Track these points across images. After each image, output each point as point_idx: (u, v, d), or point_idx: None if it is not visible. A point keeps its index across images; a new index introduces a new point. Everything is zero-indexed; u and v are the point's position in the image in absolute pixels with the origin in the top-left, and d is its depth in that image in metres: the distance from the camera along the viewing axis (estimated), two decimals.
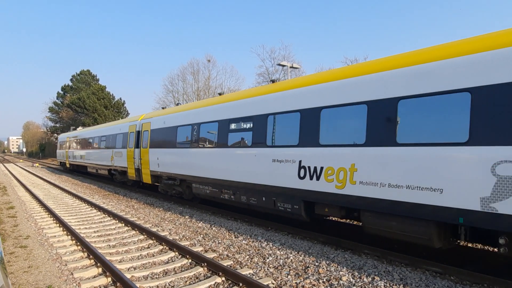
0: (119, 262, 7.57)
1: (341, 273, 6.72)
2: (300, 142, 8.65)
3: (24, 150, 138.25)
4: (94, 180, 26.57)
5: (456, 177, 5.86)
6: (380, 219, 7.10)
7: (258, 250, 8.28)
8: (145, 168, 17.03)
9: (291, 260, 7.51)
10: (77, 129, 36.87)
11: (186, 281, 6.52)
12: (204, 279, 6.57)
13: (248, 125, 10.45)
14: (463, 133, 5.82)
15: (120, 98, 71.48)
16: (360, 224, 7.79)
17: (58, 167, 40.57)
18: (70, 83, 76.61)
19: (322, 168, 8.04)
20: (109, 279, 6.55)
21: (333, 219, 11.51)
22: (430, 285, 6.05)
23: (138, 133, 18.06)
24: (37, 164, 51.85)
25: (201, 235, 9.75)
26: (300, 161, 8.58)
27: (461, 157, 5.83)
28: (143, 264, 7.48)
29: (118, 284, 6.19)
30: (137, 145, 18.00)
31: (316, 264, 7.24)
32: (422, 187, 6.24)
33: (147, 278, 6.72)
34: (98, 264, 7.13)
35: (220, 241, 9.09)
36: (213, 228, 10.56)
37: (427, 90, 6.34)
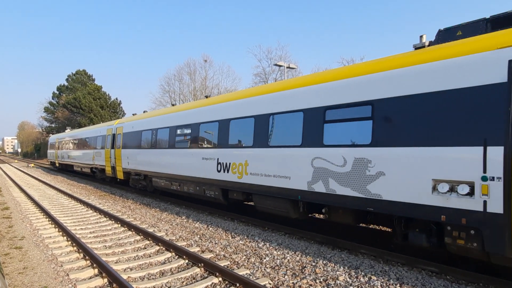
0: (116, 263, 7.54)
1: (338, 273, 6.73)
2: (217, 145, 11.55)
3: (19, 150, 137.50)
4: (90, 181, 26.46)
5: (296, 167, 8.72)
6: (262, 199, 9.97)
7: (255, 250, 8.28)
8: (118, 166, 19.75)
9: (288, 260, 7.51)
10: (66, 131, 39.90)
11: (183, 282, 6.50)
12: (201, 279, 6.55)
13: (188, 131, 13.44)
14: (299, 139, 8.67)
15: (116, 98, 71.26)
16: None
17: (53, 168, 40.33)
18: (66, 83, 76.22)
19: (230, 163, 10.88)
20: (105, 280, 6.52)
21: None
22: (426, 285, 6.08)
23: (114, 135, 20.56)
24: (32, 165, 51.56)
25: (198, 236, 9.73)
26: (217, 159, 11.44)
27: (298, 155, 8.67)
28: (140, 264, 7.45)
29: (114, 285, 6.15)
30: (113, 146, 20.53)
31: (313, 264, 7.25)
32: (281, 176, 9.07)
33: (144, 278, 6.69)
34: (94, 265, 7.09)
35: (217, 242, 9.08)
36: (210, 229, 10.54)
37: (288, 108, 9.24)
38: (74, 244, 8.71)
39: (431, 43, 7.29)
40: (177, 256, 7.85)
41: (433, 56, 6.50)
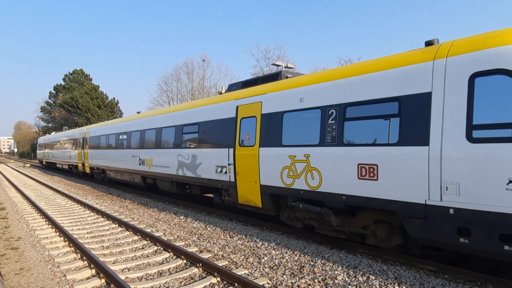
0: (113, 263, 7.50)
1: (336, 272, 6.72)
2: (139, 147, 16.82)
3: (16, 150, 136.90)
4: (87, 181, 26.38)
5: (171, 161, 13.74)
6: (160, 181, 15.04)
7: (253, 250, 8.26)
8: (86, 163, 25.17)
9: (287, 259, 7.50)
10: (51, 133, 46.12)
11: (181, 282, 6.47)
12: (199, 279, 6.53)
13: (125, 136, 18.75)
14: (171, 144, 14.06)
15: (114, 98, 71.07)
16: None
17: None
18: (63, 83, 75.90)
19: (145, 159, 16.00)
20: (103, 280, 6.48)
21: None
22: (424, 284, 6.08)
23: (83, 139, 26.00)
24: (28, 165, 51.34)
25: (196, 236, 9.70)
26: (139, 156, 16.62)
27: (172, 153, 13.74)
28: (138, 265, 7.41)
29: (112, 285, 6.12)
30: (83, 147, 25.92)
31: (312, 263, 7.24)
32: (166, 166, 14.08)
33: (142, 279, 6.66)
34: (92, 266, 7.05)
35: (215, 241, 9.05)
36: (208, 228, 10.52)
37: (168, 124, 14.54)
38: (71, 245, 8.66)
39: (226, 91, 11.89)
40: (175, 256, 7.82)
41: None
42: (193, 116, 12.88)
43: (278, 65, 26.97)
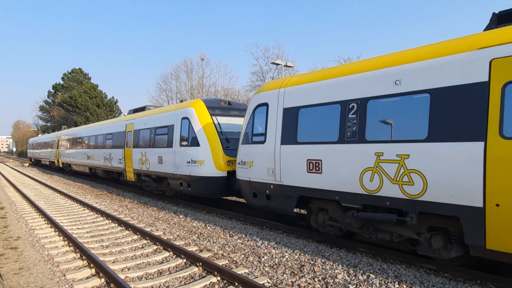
0: (113, 262, 7.49)
1: (336, 271, 6.72)
2: (87, 147, 24.38)
3: (14, 149, 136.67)
4: (86, 180, 26.36)
5: (113, 159, 19.94)
6: (99, 171, 22.32)
7: (253, 249, 8.25)
8: (59, 160, 33.22)
9: (287, 258, 7.49)
10: (38, 135, 55.03)
11: (181, 281, 6.46)
12: (199, 278, 6.52)
13: (79, 140, 26.31)
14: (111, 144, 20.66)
15: (113, 97, 70.94)
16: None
17: (49, 167, 40.16)
18: (62, 82, 75.75)
19: (90, 155, 23.42)
20: (103, 280, 6.47)
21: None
22: (424, 282, 6.08)
23: (58, 141, 33.81)
24: (27, 164, 51.23)
25: (196, 235, 9.69)
26: (87, 153, 23.79)
27: (111, 152, 20.25)
28: (137, 264, 7.40)
29: (112, 285, 6.11)
30: (58, 148, 33.71)
31: (312, 262, 7.23)
32: (103, 160, 21.28)
33: (142, 278, 6.65)
34: (91, 265, 7.04)
35: (215, 241, 9.04)
36: (208, 228, 10.51)
37: (107, 131, 21.32)
38: (70, 244, 8.65)
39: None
40: (175, 256, 7.81)
41: None
42: (109, 128, 21.19)
43: (277, 64, 27.03)
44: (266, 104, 9.44)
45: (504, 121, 5.30)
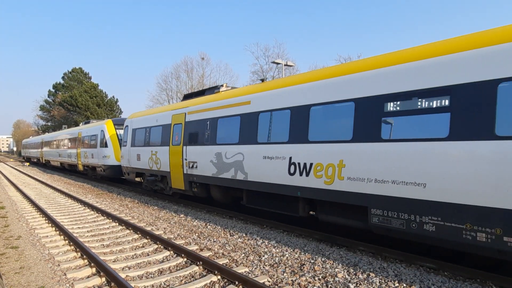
0: (113, 261, 7.50)
1: (336, 270, 6.73)
2: (57, 147, 34.52)
3: (15, 149, 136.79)
4: (87, 179, 26.39)
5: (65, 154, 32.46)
6: (52, 162, 37.54)
7: (253, 248, 8.26)
8: (43, 157, 41.84)
9: (287, 257, 7.51)
10: (30, 137, 66.20)
11: (181, 280, 6.48)
12: (200, 277, 6.53)
13: (55, 141, 35.96)
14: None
15: (113, 96, 70.98)
16: None
17: (51, 166, 40.24)
18: (62, 81, 75.77)
19: (60, 154, 33.13)
20: (103, 279, 6.48)
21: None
22: (424, 281, 6.09)
23: (42, 142, 43.15)
24: (27, 163, 51.29)
25: (196, 234, 9.70)
26: (58, 153, 33.88)
27: (69, 152, 31.27)
28: (138, 263, 7.42)
29: (112, 284, 6.13)
30: (42, 148, 42.60)
31: (312, 261, 7.24)
32: (63, 157, 32.86)
33: (142, 277, 6.66)
34: (92, 264, 7.05)
35: (215, 240, 9.06)
36: (208, 227, 10.52)
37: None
38: (71, 243, 8.66)
39: None
40: (175, 255, 7.82)
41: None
42: (66, 134, 32.87)
43: (278, 63, 27.02)
44: (127, 126, 18.61)
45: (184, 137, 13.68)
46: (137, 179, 17.98)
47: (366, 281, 6.17)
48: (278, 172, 9.06)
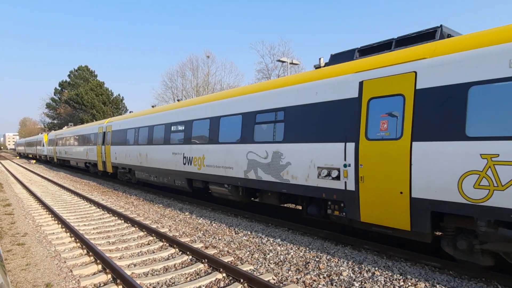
0: (119, 259, 7.55)
1: (341, 268, 6.72)
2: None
3: None
4: (92, 177, 26.52)
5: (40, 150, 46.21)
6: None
7: (258, 246, 8.28)
8: (30, 154, 58.33)
9: (292, 256, 7.51)
10: (26, 138, 75.94)
11: (186, 278, 6.51)
12: (205, 275, 6.56)
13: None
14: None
15: (119, 94, 71.25)
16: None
17: (57, 164, 40.51)
18: (68, 79, 76.16)
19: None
20: (109, 276, 6.53)
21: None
22: (429, 280, 6.07)
23: (37, 141, 49.70)
24: (34, 161, 51.68)
25: (201, 232, 9.73)
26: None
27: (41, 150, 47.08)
28: (143, 260, 7.46)
29: (118, 281, 6.17)
30: (43, 145, 46.59)
31: (317, 259, 7.24)
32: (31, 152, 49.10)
33: (148, 274, 6.70)
34: (98, 261, 7.11)
35: (220, 238, 9.08)
36: (213, 225, 10.54)
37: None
38: (77, 240, 8.73)
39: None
40: (180, 252, 7.86)
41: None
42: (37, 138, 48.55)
43: (283, 61, 26.95)
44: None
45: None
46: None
47: (371, 280, 6.16)
48: (176, 162, 13.85)
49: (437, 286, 5.84)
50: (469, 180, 5.64)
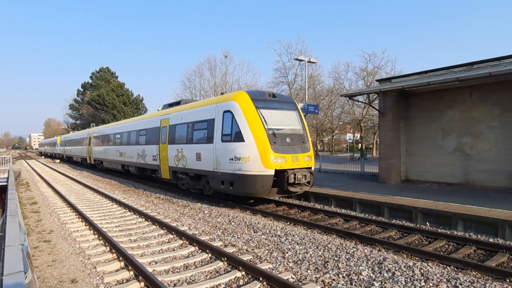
0: (141, 256, 7.71)
1: (360, 268, 6.68)
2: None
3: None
4: (114, 176, 27.08)
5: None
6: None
7: (277, 244, 8.30)
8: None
9: (311, 254, 7.50)
10: (45, 140, 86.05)
11: (206, 275, 6.59)
12: (224, 273, 6.63)
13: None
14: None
15: (139, 95, 72.53)
16: None
17: (79, 163, 41.52)
18: (90, 80, 77.96)
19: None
20: (131, 272, 6.68)
21: (352, 213, 11.40)
22: (451, 280, 5.95)
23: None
24: (58, 161, 53.11)
25: (220, 230, 9.82)
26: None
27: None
28: (164, 258, 7.59)
29: (140, 277, 6.30)
30: (55, 145, 58.73)
31: (336, 259, 7.21)
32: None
33: (168, 272, 6.82)
34: (120, 258, 7.27)
35: (239, 236, 9.14)
36: (232, 223, 10.62)
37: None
38: (100, 238, 8.95)
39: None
40: (200, 250, 7.96)
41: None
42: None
43: (300, 60, 26.86)
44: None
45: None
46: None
47: (391, 280, 6.10)
48: (115, 156, 24.53)
49: (459, 287, 5.73)
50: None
